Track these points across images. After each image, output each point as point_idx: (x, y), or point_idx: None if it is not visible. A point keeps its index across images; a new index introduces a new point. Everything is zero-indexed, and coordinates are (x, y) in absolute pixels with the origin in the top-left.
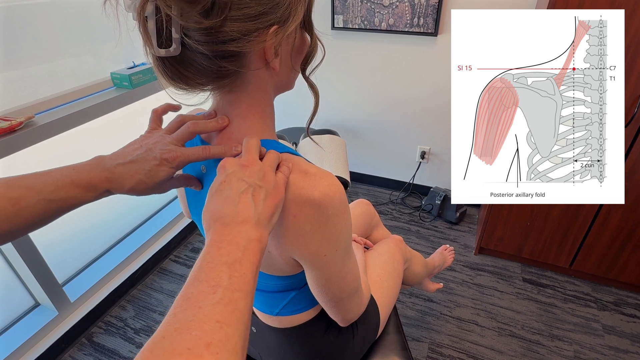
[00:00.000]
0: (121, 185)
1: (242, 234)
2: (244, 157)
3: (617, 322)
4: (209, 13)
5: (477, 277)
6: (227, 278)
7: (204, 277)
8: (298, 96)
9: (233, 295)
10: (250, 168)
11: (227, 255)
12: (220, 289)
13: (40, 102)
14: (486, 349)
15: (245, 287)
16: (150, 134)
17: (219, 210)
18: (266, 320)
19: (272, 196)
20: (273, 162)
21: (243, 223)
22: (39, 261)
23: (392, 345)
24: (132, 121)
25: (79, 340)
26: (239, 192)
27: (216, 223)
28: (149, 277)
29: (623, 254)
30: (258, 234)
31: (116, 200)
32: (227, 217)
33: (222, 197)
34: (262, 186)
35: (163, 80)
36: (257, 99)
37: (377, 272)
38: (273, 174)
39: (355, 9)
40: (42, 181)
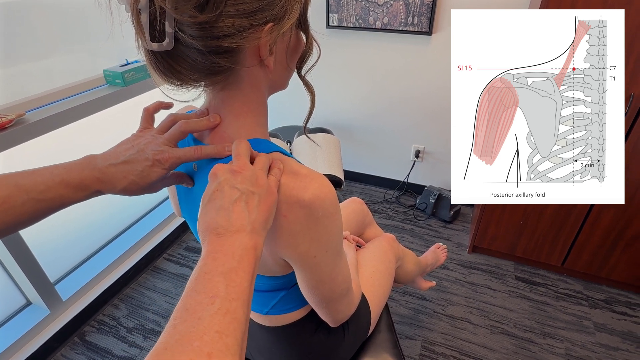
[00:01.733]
0: (113, 186)
1: (236, 243)
2: (234, 162)
3: (608, 320)
4: (204, 7)
5: (471, 276)
6: (224, 288)
7: (201, 288)
8: (292, 95)
9: (231, 305)
10: (241, 174)
11: (223, 266)
12: (218, 299)
13: (32, 99)
14: (479, 347)
15: (242, 296)
16: (142, 133)
17: (213, 221)
18: (256, 319)
19: (265, 200)
20: (264, 165)
21: (237, 232)
22: (30, 259)
23: (383, 343)
24: (124, 119)
25: (71, 339)
26: (232, 201)
27: (211, 234)
28: (142, 276)
29: (614, 252)
30: (253, 242)
31: (109, 199)
32: (221, 227)
33: (215, 206)
34: (254, 192)
35: (155, 75)
36: (250, 97)
37: (369, 271)
38: (265, 178)
39: (350, 7)
40: (32, 180)
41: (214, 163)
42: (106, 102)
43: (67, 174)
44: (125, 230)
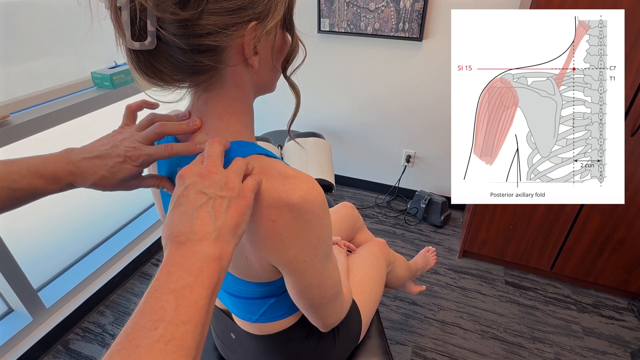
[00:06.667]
0: (84, 179)
1: (197, 254)
2: (204, 164)
3: (596, 324)
4: (185, 4)
5: (461, 280)
6: (172, 309)
7: (147, 309)
8: (284, 99)
9: (177, 330)
10: (210, 177)
11: (176, 282)
12: (163, 324)
13: (16, 101)
14: (469, 352)
15: (195, 317)
16: (122, 130)
17: (176, 228)
18: (245, 327)
19: (236, 205)
20: (239, 169)
21: (200, 241)
22: (12, 265)
23: (374, 349)
24: (113, 122)
25: (54, 347)
26: (197, 207)
27: (171, 243)
28: (129, 282)
29: (601, 257)
30: (217, 251)
31: (97, 204)
32: (183, 235)
33: (179, 212)
34: (224, 196)
35: (137, 75)
36: (234, 98)
37: (359, 276)
38: (238, 181)
39: (341, 12)
40: (7, 169)
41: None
42: (94, 104)
43: (42, 166)
44: (112, 236)
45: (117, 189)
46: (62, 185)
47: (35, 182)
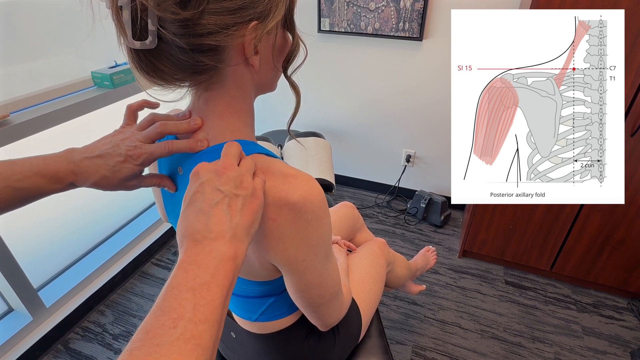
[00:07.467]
0: (85, 179)
1: (213, 253)
2: (220, 161)
3: (596, 324)
4: (186, 4)
5: (461, 280)
6: (191, 308)
7: (166, 306)
8: (284, 99)
9: (196, 329)
10: (226, 174)
11: (194, 280)
12: (182, 322)
13: (16, 100)
14: (469, 352)
15: (212, 317)
16: (123, 129)
17: (191, 225)
18: (245, 326)
19: (250, 204)
20: (250, 168)
21: (216, 239)
22: (12, 264)
23: (373, 349)
24: (113, 122)
25: (55, 346)
26: (213, 204)
27: (187, 240)
28: (129, 281)
29: (601, 256)
30: (232, 250)
31: (97, 204)
32: (199, 233)
33: (194, 209)
34: (239, 194)
35: (138, 74)
36: (235, 98)
37: (359, 276)
38: (251, 180)
39: (341, 12)
40: (10, 169)
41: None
42: (94, 104)
43: (44, 166)
44: (112, 235)
45: (118, 188)
46: (64, 184)
47: (37, 182)
